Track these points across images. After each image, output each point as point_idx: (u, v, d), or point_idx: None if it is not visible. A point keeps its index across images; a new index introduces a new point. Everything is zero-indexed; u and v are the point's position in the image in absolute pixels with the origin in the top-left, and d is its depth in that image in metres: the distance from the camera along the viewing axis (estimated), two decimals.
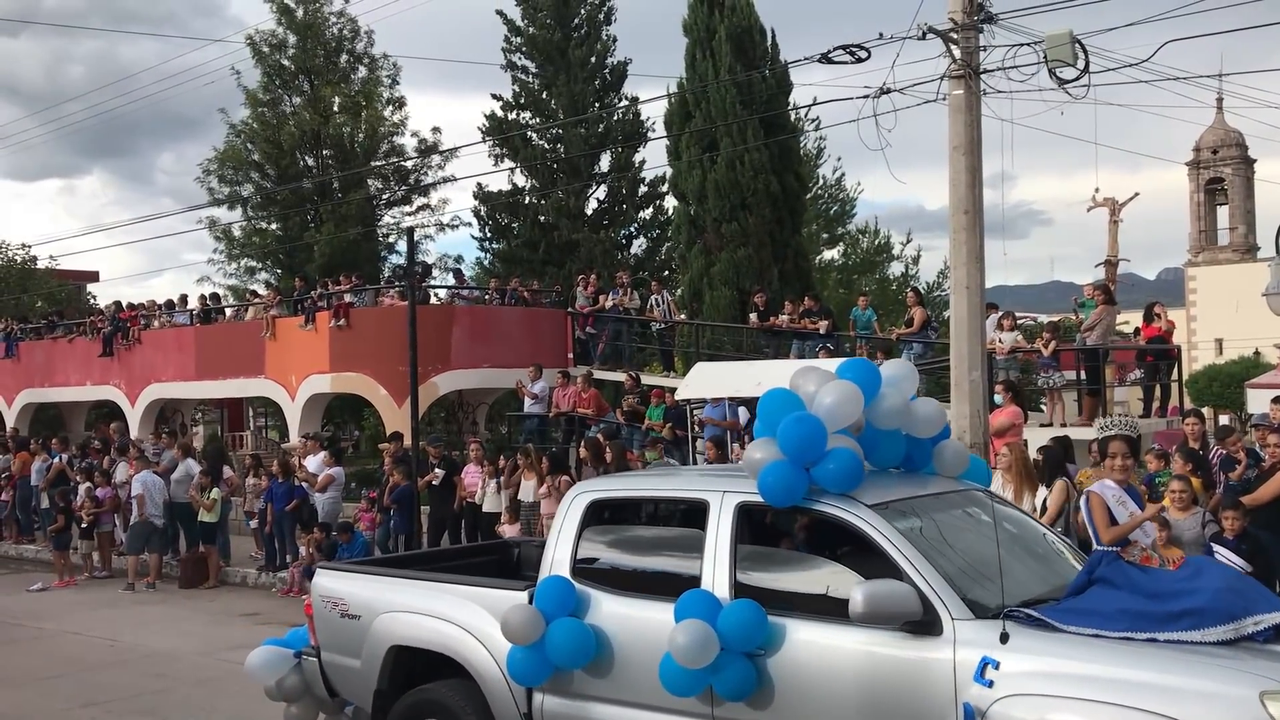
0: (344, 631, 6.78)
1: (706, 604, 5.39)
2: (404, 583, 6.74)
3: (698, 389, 15.17)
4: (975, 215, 10.36)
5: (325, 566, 7.54)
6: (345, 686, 6.90)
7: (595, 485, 6.66)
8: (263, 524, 16.28)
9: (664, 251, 32.39)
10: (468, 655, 6.16)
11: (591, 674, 5.78)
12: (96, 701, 9.70)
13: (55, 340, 27.07)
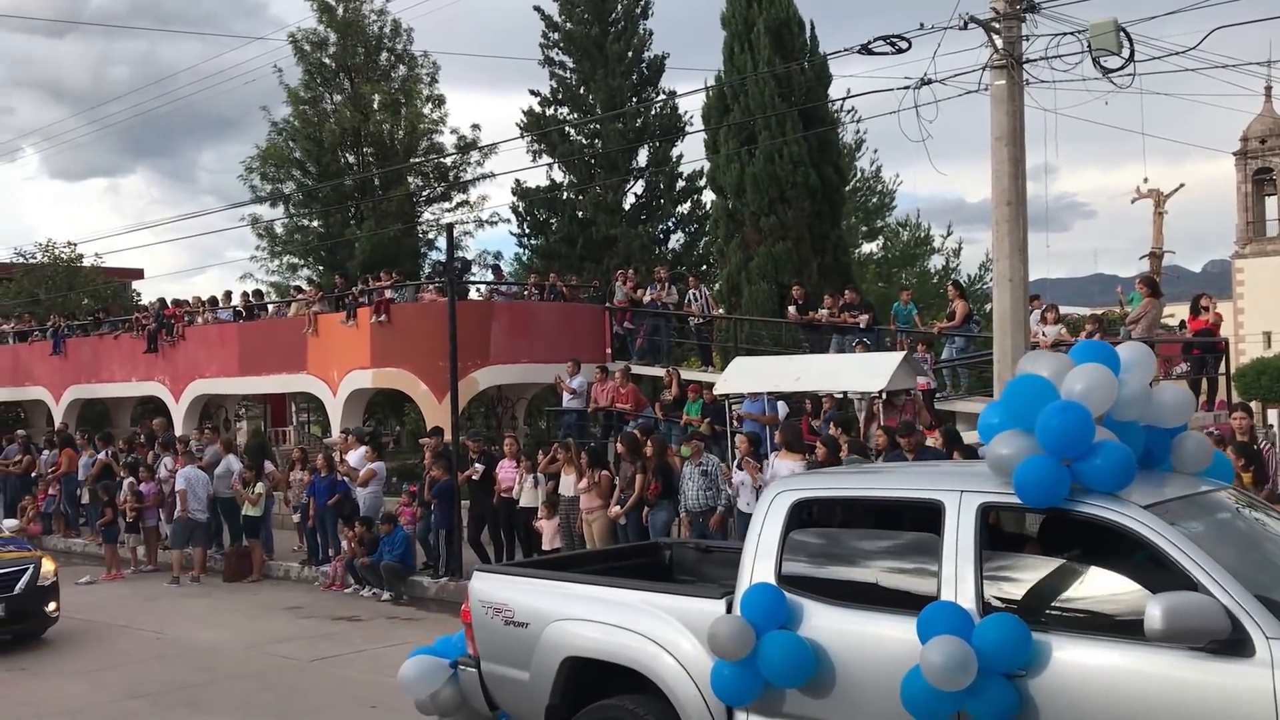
0: (509, 641, 6.26)
1: (956, 619, 4.77)
2: (575, 588, 6.22)
3: (736, 384, 15.12)
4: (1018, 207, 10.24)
5: (484, 570, 6.95)
6: (509, 700, 6.40)
7: (798, 484, 5.98)
8: (305, 518, 16.43)
9: (702, 246, 32.31)
10: (657, 669, 5.58)
11: (809, 693, 5.17)
12: (143, 693, 9.83)
13: (101, 337, 27.44)
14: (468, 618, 6.56)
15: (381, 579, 14.52)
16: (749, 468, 12.27)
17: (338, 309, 21.97)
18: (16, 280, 39.88)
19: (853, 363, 14.98)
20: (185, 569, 16.27)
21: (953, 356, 16.98)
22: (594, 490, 13.14)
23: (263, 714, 9.06)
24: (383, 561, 14.49)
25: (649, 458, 12.94)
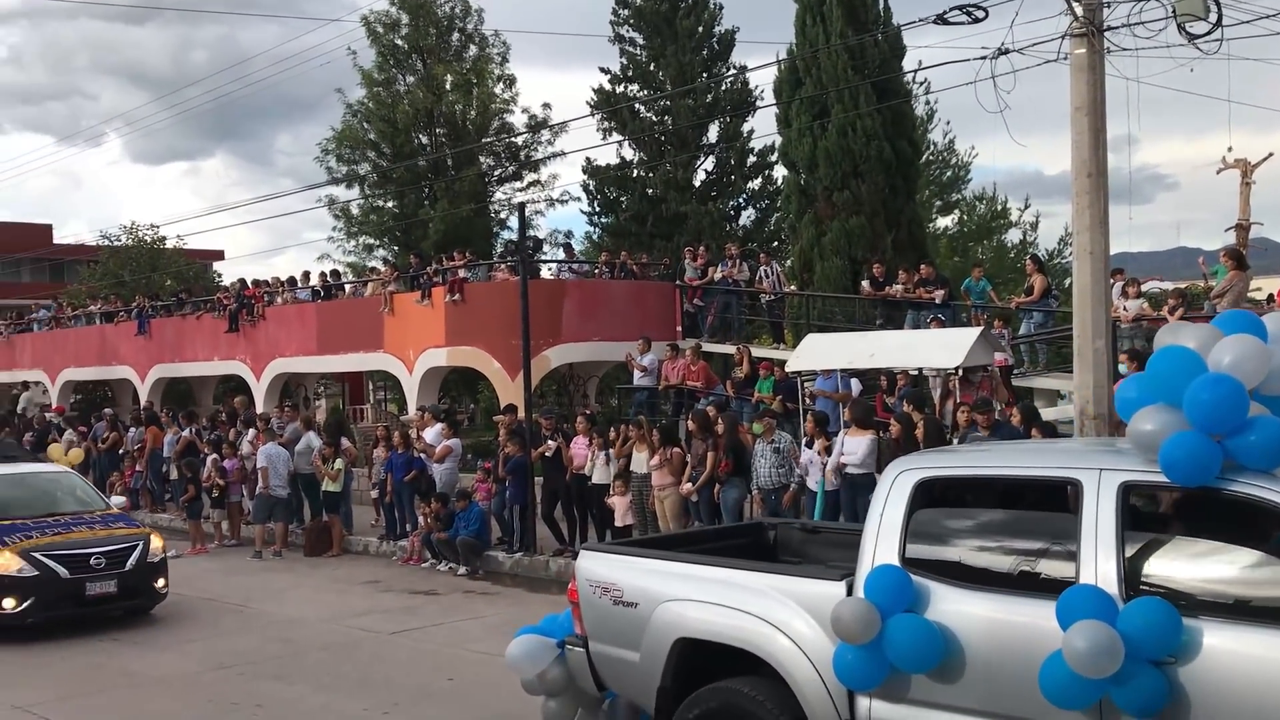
0: (618, 621, 6.15)
1: (1099, 603, 4.57)
2: (685, 568, 6.06)
3: (809, 361, 15.02)
4: (1099, 178, 10.01)
5: (590, 548, 6.89)
6: (618, 681, 6.30)
7: (922, 462, 5.74)
8: (382, 494, 16.72)
9: (773, 222, 32.12)
10: (774, 652, 5.45)
11: (937, 679, 5.00)
12: (229, 664, 10.11)
13: (184, 317, 28.09)
14: (575, 597, 6.46)
15: (457, 554, 14.73)
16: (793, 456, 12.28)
17: (413, 288, 22.23)
18: (102, 262, 41.03)
19: (928, 339, 14.80)
20: (267, 543, 16.66)
21: (1030, 332, 16.69)
22: (666, 467, 13.17)
23: (344, 685, 9.26)
24: (458, 537, 14.70)
25: (720, 435, 12.93)
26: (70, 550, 11.62)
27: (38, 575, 11.28)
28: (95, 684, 9.54)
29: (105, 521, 12.55)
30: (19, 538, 11.60)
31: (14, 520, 12.02)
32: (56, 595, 11.34)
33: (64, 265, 53.21)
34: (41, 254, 51.69)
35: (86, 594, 11.51)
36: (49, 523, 12.18)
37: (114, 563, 11.71)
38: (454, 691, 9.00)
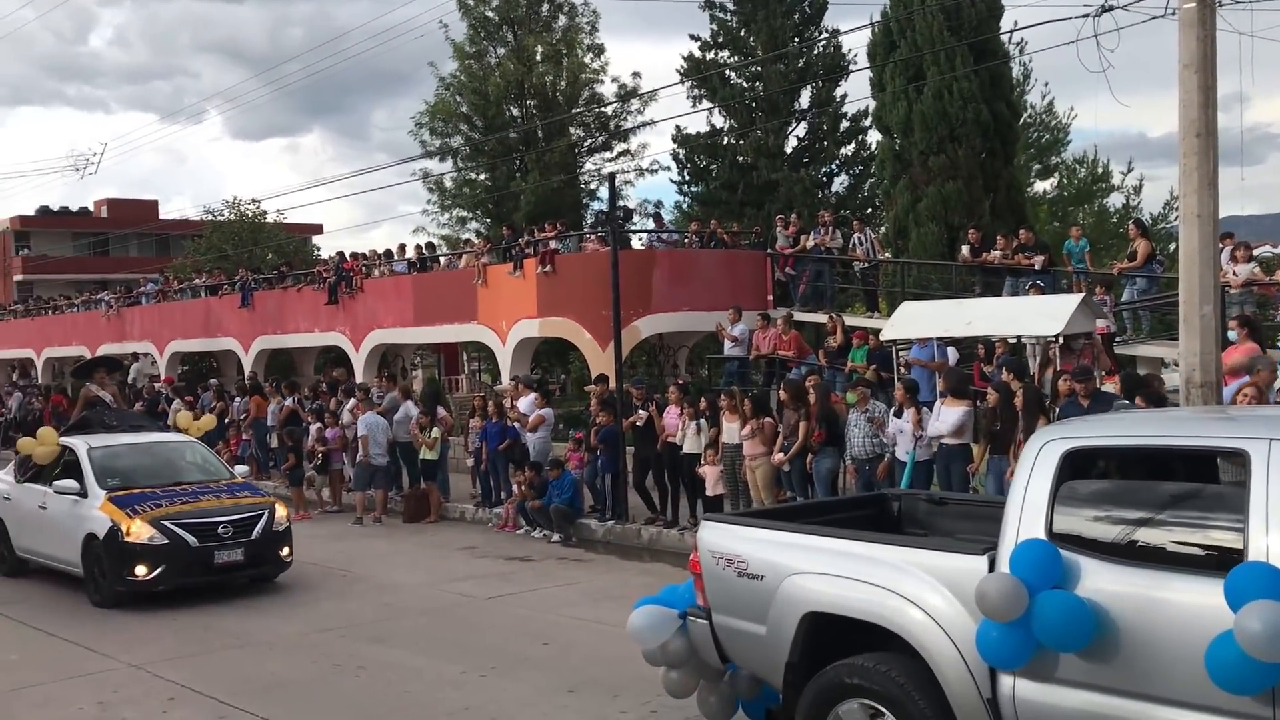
0: (743, 593, 6.02)
1: (1275, 581, 4.28)
2: (813, 540, 5.92)
3: (904, 329, 14.82)
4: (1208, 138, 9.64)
5: (712, 519, 6.74)
6: (743, 654, 6.19)
7: (1069, 432, 5.44)
8: (478, 462, 16.99)
9: (867, 188, 31.66)
10: (910, 628, 5.28)
11: (1088, 658, 4.79)
12: (332, 627, 10.40)
13: (285, 290, 28.77)
14: (697, 568, 6.36)
15: (551, 521, 14.92)
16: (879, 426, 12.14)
17: (505, 260, 22.45)
18: (206, 237, 42.20)
19: (1027, 306, 14.48)
20: (368, 510, 17.06)
21: (1134, 298, 16.22)
22: (758, 437, 13.14)
23: (442, 648, 9.47)
24: (552, 504, 14.88)
25: (812, 405, 12.85)
26: (198, 519, 11.73)
27: (168, 544, 11.42)
28: (206, 644, 9.90)
29: (231, 490, 12.64)
30: (149, 506, 11.74)
31: (143, 489, 12.16)
32: (186, 563, 11.48)
33: (170, 240, 54.93)
34: (148, 229, 53.36)
35: (215, 562, 11.63)
36: (176, 491, 12.26)
37: (241, 531, 11.77)
38: (549, 656, 9.14)
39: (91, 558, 11.70)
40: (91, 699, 8.32)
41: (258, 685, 8.55)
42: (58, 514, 12.32)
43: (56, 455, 13.04)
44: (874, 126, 26.54)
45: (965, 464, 11.64)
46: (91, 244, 57.82)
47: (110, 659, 9.47)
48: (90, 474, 12.26)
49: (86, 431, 13.71)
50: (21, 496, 13.23)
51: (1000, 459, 11.22)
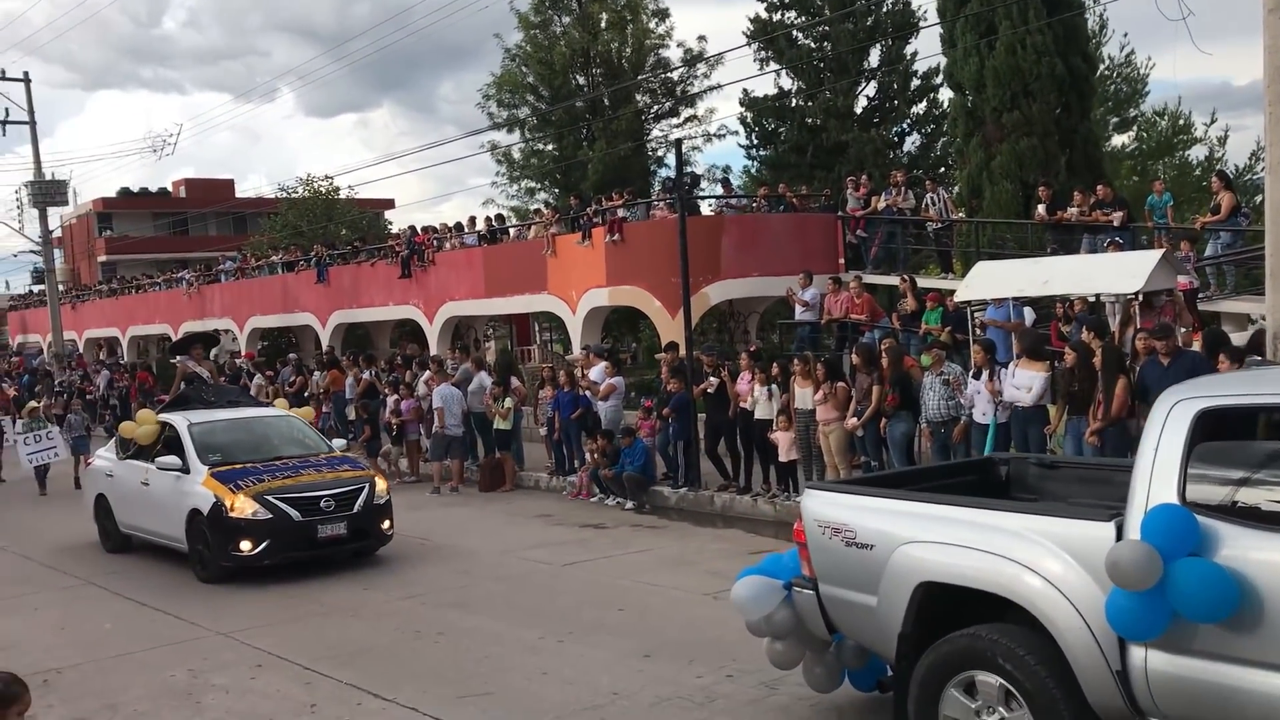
0: (851, 563, 5.88)
1: None
2: (925, 508, 5.77)
3: (979, 290, 14.57)
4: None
5: (816, 487, 6.60)
6: (852, 625, 6.06)
7: (1201, 391, 5.18)
8: (551, 431, 17.13)
9: (939, 147, 31.13)
10: (1032, 597, 5.07)
11: (1229, 629, 4.53)
12: (415, 594, 10.61)
13: (359, 265, 29.19)
14: (801, 538, 6.21)
15: (624, 489, 15.01)
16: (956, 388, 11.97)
17: (573, 230, 22.51)
18: (282, 214, 42.91)
19: (1106, 263, 14.14)
20: (444, 480, 17.31)
21: (1217, 253, 15.76)
22: (830, 402, 13.06)
23: (519, 615, 9.60)
24: (624, 472, 14.97)
25: (885, 368, 12.72)
26: (301, 493, 11.65)
27: (272, 518, 11.37)
28: (291, 612, 10.16)
29: (331, 464, 12.48)
30: (252, 481, 11.68)
31: (245, 464, 12.10)
32: (290, 538, 11.44)
33: (246, 218, 55.96)
34: (225, 208, 54.42)
35: (318, 536, 11.57)
36: (277, 466, 12.13)
37: (343, 505, 11.72)
38: (624, 621, 9.22)
39: (196, 533, 11.75)
40: (182, 666, 8.59)
41: (341, 652, 8.76)
42: (161, 490, 12.38)
43: (157, 433, 13.08)
44: (945, 84, 26.02)
45: (1043, 426, 11.46)
46: (171, 224, 59.16)
47: (200, 628, 9.77)
48: (191, 450, 12.26)
49: (185, 408, 13.65)
50: (124, 474, 13.30)
51: (1079, 420, 11.02)
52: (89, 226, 62.98)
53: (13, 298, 56.49)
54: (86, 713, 7.59)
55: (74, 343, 43.39)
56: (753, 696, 7.18)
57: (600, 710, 7.10)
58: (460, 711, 7.20)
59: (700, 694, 7.29)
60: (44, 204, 38.25)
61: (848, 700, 6.94)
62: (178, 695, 7.90)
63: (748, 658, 7.97)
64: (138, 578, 12.04)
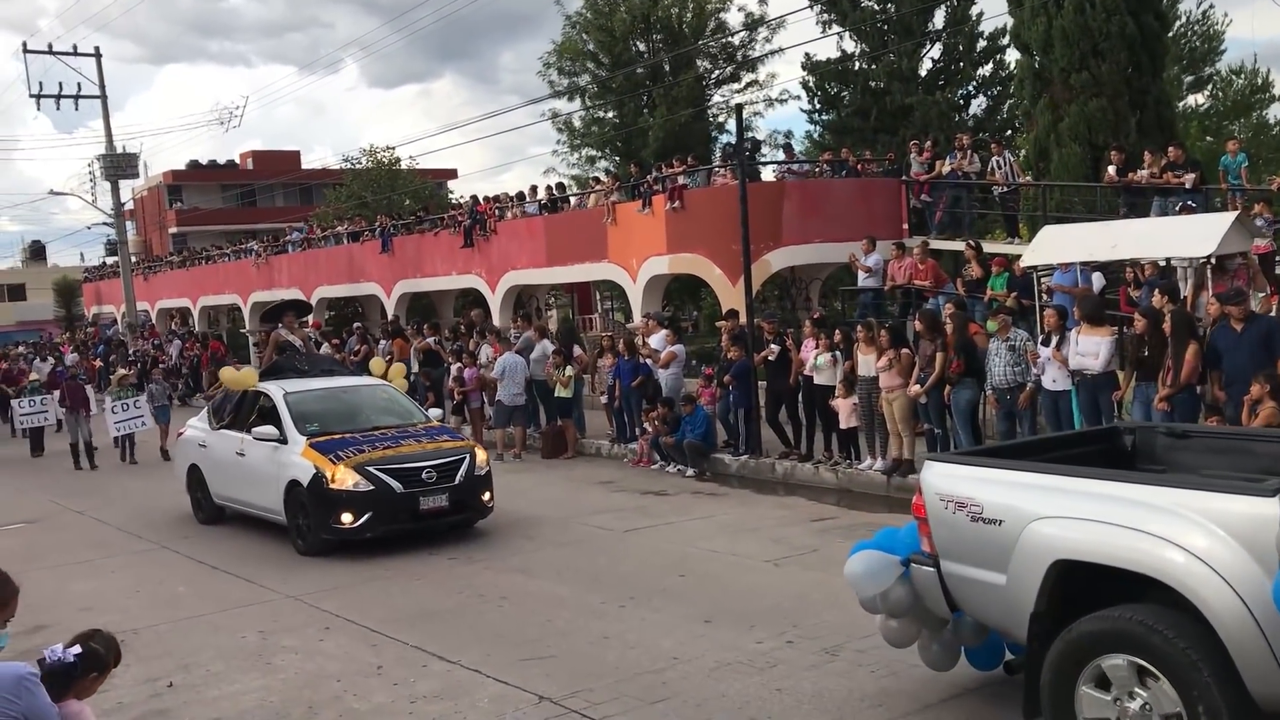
0: (977, 539, 5.59)
1: None
2: (1057, 480, 5.42)
3: (1045, 254, 14.29)
4: None
5: (937, 459, 6.34)
6: (977, 604, 5.78)
7: None
8: (612, 399, 17.20)
9: (1006, 109, 30.55)
10: (1183, 578, 4.73)
11: None
12: (477, 559, 10.75)
13: (423, 234, 29.42)
14: (921, 512, 5.96)
15: (685, 456, 15.04)
16: (1029, 356, 11.77)
17: (633, 198, 22.47)
18: (346, 185, 43.36)
19: (1177, 226, 13.78)
20: (507, 447, 17.48)
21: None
22: (894, 369, 12.94)
23: (582, 579, 9.69)
24: (685, 440, 14.99)
25: (950, 335, 12.57)
26: (403, 464, 11.33)
27: (373, 490, 11.07)
28: (358, 576, 10.35)
29: (430, 434, 12.15)
30: (352, 452, 11.36)
31: (343, 434, 11.82)
32: (392, 510, 11.14)
33: (312, 189, 56.64)
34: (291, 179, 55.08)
35: (420, 508, 11.24)
36: (376, 436, 11.84)
37: (444, 476, 11.39)
38: (685, 587, 9.27)
39: (294, 505, 11.50)
40: (253, 628, 8.81)
41: (407, 615, 8.91)
42: (257, 461, 12.13)
43: (244, 393, 12.95)
44: (1012, 44, 25.44)
45: (1111, 392, 11.26)
46: (239, 195, 60.07)
47: (269, 591, 9.99)
48: (289, 420, 11.97)
49: (279, 377, 13.27)
50: (218, 443, 13.08)
51: (1148, 386, 10.80)
52: (159, 199, 64.19)
53: (87, 269, 57.79)
54: (162, 672, 7.81)
55: (146, 313, 44.32)
56: (813, 662, 7.20)
57: (661, 674, 7.16)
58: (523, 674, 7.30)
59: (761, 659, 7.32)
60: (116, 177, 39.03)
61: (905, 667, 6.92)
62: (249, 656, 8.11)
63: (808, 624, 7.99)
64: (209, 543, 12.34)
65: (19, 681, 3.35)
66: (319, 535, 11.21)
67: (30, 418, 21.65)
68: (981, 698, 6.42)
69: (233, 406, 13.32)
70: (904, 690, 6.62)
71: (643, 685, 6.98)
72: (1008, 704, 6.25)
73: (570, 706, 6.68)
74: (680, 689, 6.88)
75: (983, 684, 6.56)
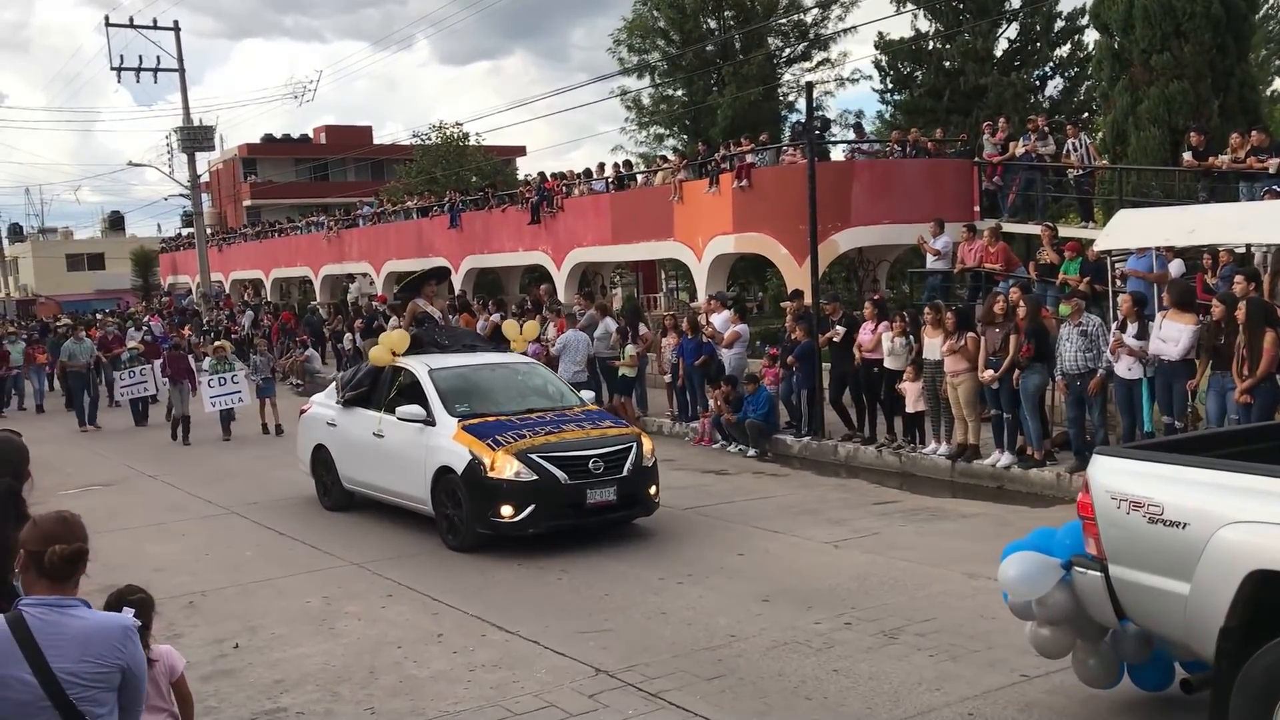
0: (1157, 544, 5.10)
1: None
2: (1252, 480, 4.85)
3: (1121, 239, 13.93)
4: None
5: (1109, 453, 5.79)
6: (1154, 615, 5.27)
7: None
8: (675, 378, 17.20)
9: (1083, 91, 29.91)
10: None
11: None
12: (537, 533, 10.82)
13: (490, 210, 29.60)
14: (1087, 511, 5.49)
15: (746, 436, 15.00)
16: (1114, 342, 11.49)
17: (701, 176, 22.37)
18: (416, 160, 43.73)
19: (1259, 211, 13.35)
20: None
21: None
22: (960, 353, 12.77)
23: (642, 555, 9.73)
24: (747, 420, 14.95)
25: (1021, 319, 12.36)
26: (567, 452, 10.13)
27: (537, 480, 9.87)
28: (421, 546, 10.48)
29: (591, 419, 10.99)
30: (512, 437, 10.19)
31: (498, 417, 10.66)
32: (557, 503, 9.93)
33: (383, 164, 57.25)
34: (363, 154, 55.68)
35: (586, 502, 10.03)
36: (534, 421, 10.64)
37: (611, 467, 10.18)
38: (743, 566, 9.26)
39: (445, 495, 10.34)
40: (318, 593, 8.97)
41: (467, 585, 9.02)
42: (399, 444, 10.97)
43: (379, 368, 11.82)
44: (1091, 24, 24.88)
45: (1185, 381, 11.00)
46: (312, 169, 60.91)
47: (334, 557, 10.17)
48: (436, 399, 10.82)
49: (418, 351, 12.01)
50: (350, 423, 11.89)
51: (1223, 376, 10.54)
52: (235, 171, 65.30)
53: (164, 240, 59.04)
54: (228, 634, 8.00)
55: (220, 283, 45.19)
56: (871, 645, 7.16)
57: (717, 651, 7.17)
58: (580, 646, 7.36)
59: (818, 639, 7.30)
60: (192, 149, 39.78)
61: (965, 652, 6.85)
62: (313, 620, 8.26)
63: (867, 606, 7.94)
64: (276, 509, 12.58)
65: (126, 632, 3.39)
66: (473, 529, 10.04)
67: (132, 388, 21.05)
68: (1040, 689, 6.34)
69: (362, 381, 12.11)
70: (963, 675, 6.56)
71: (699, 661, 6.99)
72: (1071, 692, 6.18)
73: (626, 680, 6.72)
74: (736, 666, 6.89)
75: (1046, 671, 6.48)
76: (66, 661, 3.25)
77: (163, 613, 8.36)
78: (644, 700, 6.41)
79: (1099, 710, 5.99)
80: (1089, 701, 6.08)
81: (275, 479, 14.21)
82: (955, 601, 7.98)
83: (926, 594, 8.20)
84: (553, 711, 6.29)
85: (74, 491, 14.10)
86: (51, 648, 3.25)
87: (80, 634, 3.30)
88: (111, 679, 3.33)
